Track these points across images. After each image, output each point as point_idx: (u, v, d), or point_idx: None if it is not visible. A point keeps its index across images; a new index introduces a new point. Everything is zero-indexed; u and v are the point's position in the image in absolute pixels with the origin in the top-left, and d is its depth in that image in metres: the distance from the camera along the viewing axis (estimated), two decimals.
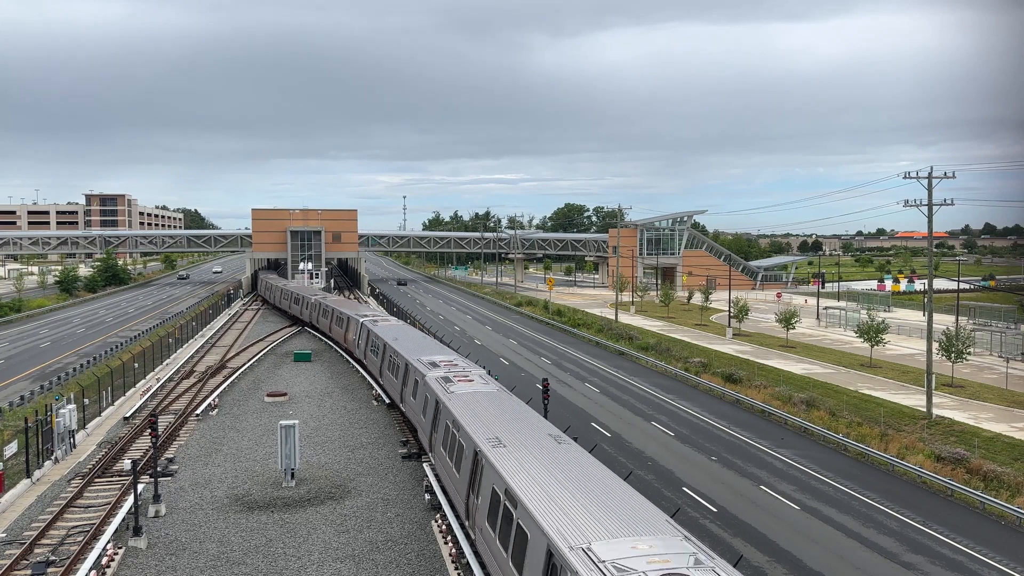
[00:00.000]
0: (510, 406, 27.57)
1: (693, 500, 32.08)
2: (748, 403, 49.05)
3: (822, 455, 39.04)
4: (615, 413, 47.66)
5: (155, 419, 29.33)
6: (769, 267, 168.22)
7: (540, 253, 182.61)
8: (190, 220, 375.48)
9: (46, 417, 35.40)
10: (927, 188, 45.99)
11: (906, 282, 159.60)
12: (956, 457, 36.44)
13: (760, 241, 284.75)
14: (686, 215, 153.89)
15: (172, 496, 30.34)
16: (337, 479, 32.60)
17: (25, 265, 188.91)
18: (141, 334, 77.72)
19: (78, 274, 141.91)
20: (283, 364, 61.02)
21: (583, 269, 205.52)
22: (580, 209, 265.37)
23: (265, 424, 41.71)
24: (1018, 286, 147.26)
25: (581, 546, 14.92)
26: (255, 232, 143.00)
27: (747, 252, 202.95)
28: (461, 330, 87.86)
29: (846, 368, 63.63)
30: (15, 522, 28.11)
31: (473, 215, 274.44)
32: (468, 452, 23.73)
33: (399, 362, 40.16)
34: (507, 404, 27.84)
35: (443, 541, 25.87)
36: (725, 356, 68.35)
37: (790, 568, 25.80)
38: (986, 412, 48.20)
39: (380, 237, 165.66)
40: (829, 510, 31.25)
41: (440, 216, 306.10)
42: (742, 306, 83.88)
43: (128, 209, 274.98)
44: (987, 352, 70.63)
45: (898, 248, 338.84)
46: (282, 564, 24.51)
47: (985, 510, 31.34)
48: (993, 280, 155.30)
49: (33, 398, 48.87)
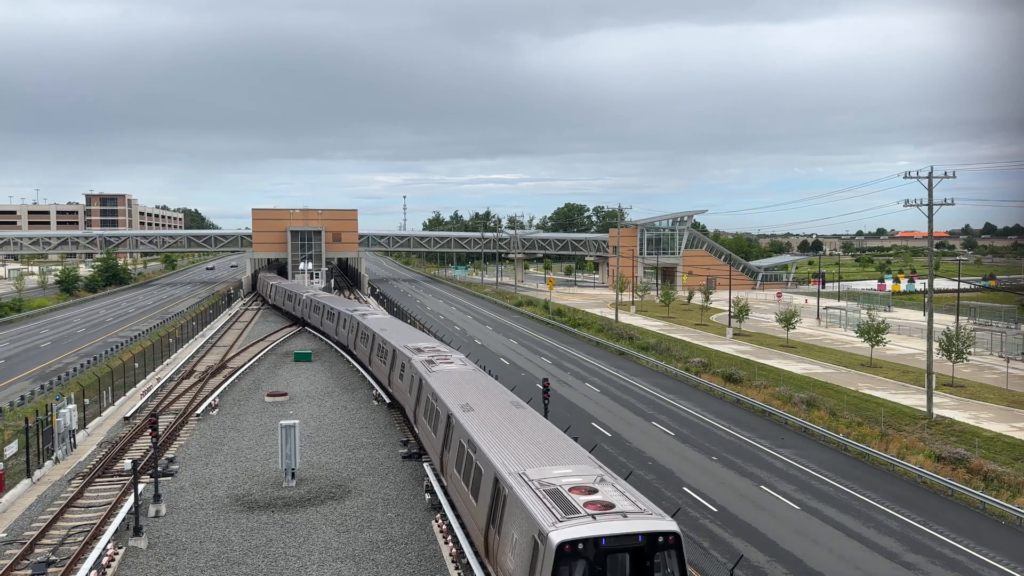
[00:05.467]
0: (482, 381, 32.27)
1: (693, 500, 32.07)
2: (748, 403, 49.04)
3: (822, 455, 39.04)
4: (615, 413, 47.65)
5: (155, 419, 29.31)
6: (769, 267, 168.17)
7: (540, 253, 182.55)
8: (190, 220, 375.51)
9: (46, 417, 35.41)
10: (927, 188, 45.98)
11: (906, 282, 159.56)
12: (956, 457, 36.43)
13: (760, 241, 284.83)
14: (686, 215, 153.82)
15: (172, 496, 30.34)
16: (337, 479, 32.59)
17: (25, 265, 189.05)
18: (141, 334, 77.71)
19: (78, 274, 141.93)
20: (283, 364, 61.00)
21: (583, 269, 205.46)
22: (580, 209, 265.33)
23: (265, 424, 41.70)
24: (1018, 286, 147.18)
25: (518, 472, 19.90)
26: (255, 232, 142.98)
27: (747, 252, 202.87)
28: (462, 330, 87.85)
29: (846, 368, 63.61)
30: (15, 522, 28.11)
31: (473, 215, 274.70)
32: (443, 416, 28.31)
33: (387, 349, 44.35)
34: (479, 380, 32.56)
35: (443, 541, 25.86)
36: (725, 356, 68.34)
37: (790, 568, 25.80)
38: (986, 412, 48.19)
39: (380, 237, 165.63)
40: (829, 510, 31.24)
41: (440, 216, 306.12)
42: (742, 306, 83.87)
43: (128, 209, 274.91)
44: (987, 352, 70.61)
45: (898, 248, 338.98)
46: (282, 564, 24.51)
47: (985, 510, 31.33)
48: (993, 280, 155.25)
49: (33, 398, 48.87)
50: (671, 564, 16.75)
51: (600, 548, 16.30)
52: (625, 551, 16.46)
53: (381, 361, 46.22)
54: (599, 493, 18.35)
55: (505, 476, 19.97)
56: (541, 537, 16.86)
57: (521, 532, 18.13)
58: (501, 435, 23.38)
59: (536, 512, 17.60)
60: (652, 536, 16.63)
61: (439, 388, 30.36)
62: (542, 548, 16.69)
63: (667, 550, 16.70)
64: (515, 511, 18.78)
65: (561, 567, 16.17)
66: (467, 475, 23.68)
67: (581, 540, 16.26)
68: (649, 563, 16.56)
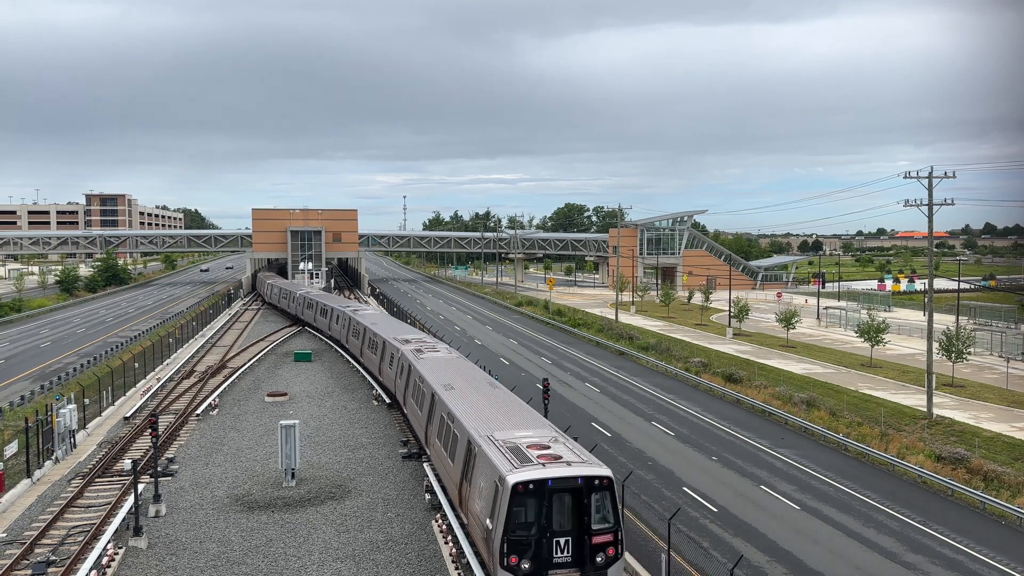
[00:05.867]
0: (464, 366, 36.18)
1: (693, 500, 32.07)
2: (748, 403, 49.04)
3: (822, 455, 39.04)
4: (615, 413, 47.65)
5: (155, 419, 29.30)
6: (769, 267, 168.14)
7: (540, 253, 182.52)
8: (190, 220, 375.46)
9: (46, 417, 35.41)
10: (927, 188, 45.98)
11: (906, 282, 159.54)
12: (956, 457, 36.43)
13: (760, 241, 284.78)
14: (686, 215, 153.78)
15: (172, 496, 30.34)
16: (337, 479, 32.59)
17: (25, 265, 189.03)
18: (141, 334, 77.72)
19: (78, 274, 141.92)
20: (283, 364, 61.00)
21: (583, 269, 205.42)
22: (580, 209, 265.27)
23: (265, 424, 41.70)
24: (1018, 286, 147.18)
25: (487, 434, 23.89)
26: (255, 232, 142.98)
27: (747, 252, 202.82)
28: (462, 330, 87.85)
29: (846, 368, 63.62)
30: (15, 522, 28.11)
31: (473, 215, 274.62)
32: (427, 395, 32.26)
33: (378, 341, 48.44)
34: (462, 365, 36.54)
35: (443, 541, 25.86)
36: (725, 356, 68.34)
37: (790, 568, 25.80)
38: (986, 412, 48.19)
39: (380, 237, 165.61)
40: (829, 510, 31.24)
41: (440, 216, 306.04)
42: (742, 306, 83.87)
43: (128, 209, 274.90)
44: (987, 352, 70.61)
45: (898, 248, 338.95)
46: (282, 564, 24.50)
47: (985, 510, 31.33)
48: (993, 280, 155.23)
49: (33, 398, 48.87)
50: (604, 501, 20.96)
51: (546, 487, 20.65)
52: (566, 490, 20.77)
53: (372, 353, 50.32)
54: (551, 449, 22.49)
55: (476, 438, 23.91)
56: (501, 480, 20.88)
57: (486, 479, 22.05)
58: (476, 408, 27.39)
59: (498, 462, 21.58)
60: (589, 479, 20.90)
61: (425, 372, 34.20)
62: (501, 488, 20.76)
63: (601, 491, 20.98)
64: (483, 464, 22.68)
65: (516, 502, 20.45)
66: (446, 442, 27.68)
67: (532, 481, 20.57)
68: (586, 500, 20.75)
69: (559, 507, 20.78)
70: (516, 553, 20.50)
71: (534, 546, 20.61)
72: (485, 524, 21.65)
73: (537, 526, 20.66)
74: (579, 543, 20.83)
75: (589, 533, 20.80)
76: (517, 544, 20.52)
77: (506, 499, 20.43)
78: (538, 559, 20.59)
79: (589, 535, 20.80)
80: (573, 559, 20.79)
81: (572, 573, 20.80)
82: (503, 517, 20.45)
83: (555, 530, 20.76)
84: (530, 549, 20.59)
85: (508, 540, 20.45)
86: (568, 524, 20.84)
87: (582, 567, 20.78)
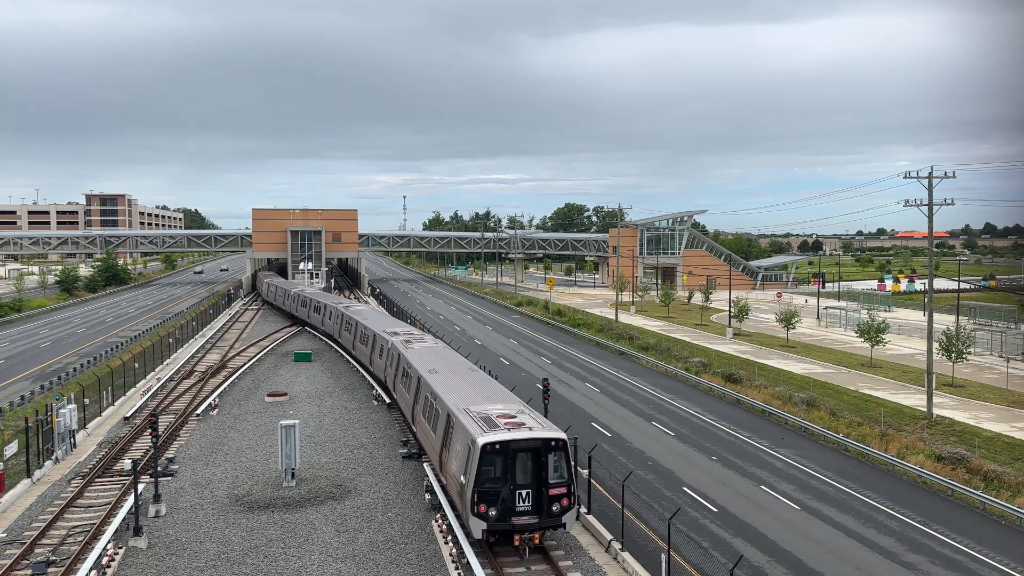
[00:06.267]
0: (447, 354, 40.13)
1: (693, 500, 32.06)
2: (748, 403, 49.04)
3: (822, 455, 39.03)
4: (615, 413, 47.64)
5: (155, 419, 29.28)
6: (769, 267, 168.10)
7: (540, 253, 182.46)
8: (190, 220, 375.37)
9: (46, 417, 35.40)
10: (927, 188, 45.98)
11: (906, 282, 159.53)
12: (956, 457, 36.43)
13: (760, 241, 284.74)
14: (686, 215, 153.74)
15: (172, 496, 30.33)
16: (337, 479, 32.59)
17: (25, 265, 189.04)
18: (141, 334, 77.72)
19: (78, 274, 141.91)
20: (283, 364, 60.99)
21: (583, 269, 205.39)
22: (580, 209, 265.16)
23: (265, 424, 41.70)
24: (1018, 286, 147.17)
25: (463, 407, 27.57)
26: (255, 232, 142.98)
27: (747, 252, 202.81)
28: (461, 330, 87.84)
29: (846, 368, 63.61)
30: (15, 522, 28.10)
31: (473, 215, 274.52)
32: (414, 379, 35.78)
33: (369, 334, 52.23)
34: (446, 353, 40.41)
35: (443, 541, 25.86)
36: (725, 356, 68.33)
37: (790, 568, 25.79)
38: (986, 412, 48.19)
39: (380, 237, 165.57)
40: (829, 510, 31.24)
41: (440, 216, 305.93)
42: (742, 306, 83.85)
43: (128, 209, 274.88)
44: (987, 352, 70.61)
45: (898, 248, 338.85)
46: (282, 564, 24.50)
47: (985, 510, 31.32)
48: (993, 280, 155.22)
49: (33, 398, 48.87)
50: (560, 460, 24.64)
51: (511, 448, 24.29)
52: (527, 450, 24.44)
53: (364, 345, 53.83)
54: (516, 418, 26.24)
55: (454, 411, 27.59)
56: (473, 442, 24.39)
57: (461, 443, 25.67)
58: (456, 387, 31.06)
59: (471, 428, 25.23)
60: (546, 441, 24.60)
61: (412, 359, 37.83)
62: (473, 449, 24.27)
63: (557, 451, 24.64)
64: (459, 431, 26.34)
65: (485, 460, 24.06)
66: (430, 417, 31.31)
67: (498, 442, 24.20)
68: (544, 459, 24.40)
69: (521, 464, 24.46)
70: (485, 502, 24.08)
71: (500, 497, 24.19)
72: (460, 480, 25.25)
73: (502, 480, 24.27)
74: (538, 495, 24.46)
75: (546, 486, 24.43)
76: (486, 495, 24.14)
77: (476, 457, 24.04)
78: (503, 508, 24.17)
79: (546, 488, 24.43)
80: (533, 508, 24.44)
81: (532, 519, 24.36)
82: (474, 473, 24.06)
83: (518, 483, 24.36)
84: (497, 499, 24.18)
85: (478, 491, 24.07)
86: (529, 479, 24.46)
87: (540, 515, 24.38)
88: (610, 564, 24.58)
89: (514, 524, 24.26)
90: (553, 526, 24.70)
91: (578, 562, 24.64)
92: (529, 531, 24.44)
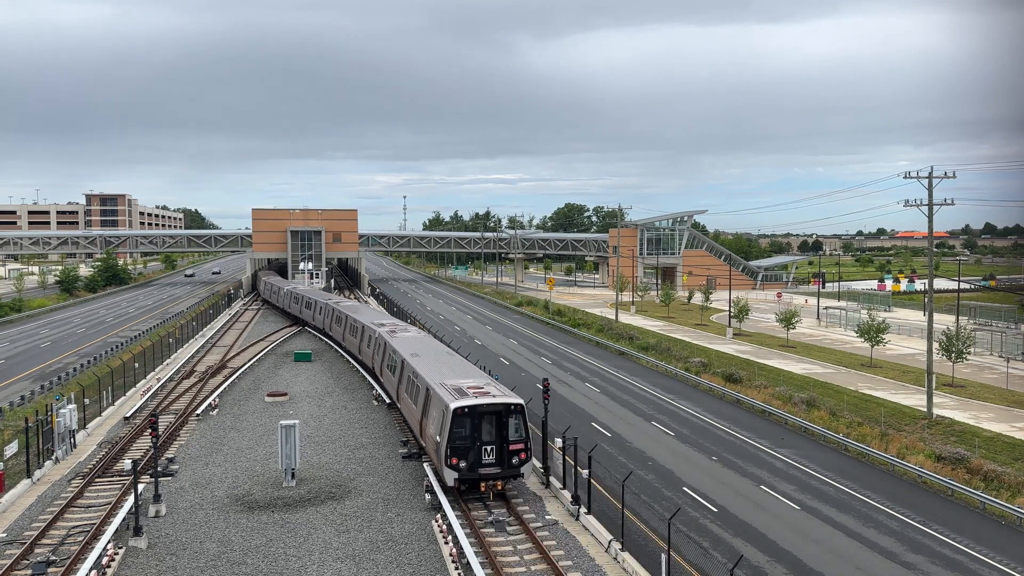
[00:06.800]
0: (428, 341, 46.20)
1: (693, 500, 32.06)
2: (748, 403, 49.03)
3: (822, 455, 39.03)
4: (615, 413, 47.64)
5: (155, 419, 29.25)
6: (769, 267, 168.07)
7: (540, 253, 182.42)
8: (190, 220, 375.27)
9: (46, 417, 35.39)
10: (927, 188, 45.97)
11: (906, 282, 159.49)
12: (956, 457, 36.42)
13: (760, 241, 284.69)
14: (686, 215, 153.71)
15: (172, 496, 30.34)
16: (337, 479, 32.59)
17: (25, 265, 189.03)
18: (141, 334, 77.72)
19: (78, 274, 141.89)
20: (283, 364, 61.00)
21: (583, 269, 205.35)
22: (580, 209, 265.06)
23: (265, 424, 41.70)
24: (1018, 286, 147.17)
25: (439, 382, 32.38)
26: (255, 232, 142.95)
27: (747, 252, 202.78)
28: (462, 330, 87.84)
29: (846, 368, 63.60)
30: (15, 522, 28.10)
31: (473, 215, 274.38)
32: (399, 362, 40.76)
33: (357, 327, 57.74)
34: (427, 341, 46.37)
35: (443, 541, 25.86)
36: (725, 356, 68.33)
37: (790, 568, 25.79)
38: (986, 412, 48.18)
39: (380, 237, 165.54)
40: (829, 510, 31.24)
41: (440, 216, 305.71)
42: (742, 306, 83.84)
43: (128, 209, 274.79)
44: (987, 352, 70.60)
45: (898, 248, 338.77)
46: (282, 564, 24.50)
47: (985, 510, 31.32)
48: (993, 280, 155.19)
49: (33, 398, 48.88)
50: (518, 421, 29.55)
51: (477, 411, 29.24)
52: (491, 413, 29.46)
53: (353, 337, 58.99)
54: (484, 388, 31.24)
55: (432, 384, 32.35)
56: (446, 407, 29.22)
57: (437, 409, 30.58)
58: (434, 367, 36.06)
59: (445, 396, 30.11)
60: (507, 405, 29.61)
61: (397, 346, 42.71)
62: (447, 413, 29.12)
63: (516, 414, 29.64)
64: (435, 400, 31.15)
65: (456, 422, 28.95)
66: (412, 393, 36.10)
67: (467, 406, 29.19)
68: (505, 420, 29.38)
69: (486, 425, 29.34)
70: (456, 456, 28.94)
71: (469, 452, 29.06)
72: (436, 439, 30.14)
73: (471, 438, 29.12)
74: (500, 450, 29.38)
75: (507, 443, 29.38)
76: (457, 450, 28.98)
77: (449, 419, 28.84)
78: (472, 461, 29.07)
79: (507, 444, 29.38)
80: (496, 461, 29.37)
81: (495, 470, 29.23)
82: (447, 432, 28.79)
83: (484, 440, 29.26)
84: (466, 454, 29.05)
85: (451, 447, 28.86)
86: (492, 437, 29.37)
87: (502, 466, 29.31)
88: (610, 564, 24.57)
89: (481, 474, 29.07)
90: (513, 476, 29.55)
91: (578, 562, 24.65)
92: (493, 479, 29.30)
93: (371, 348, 51.39)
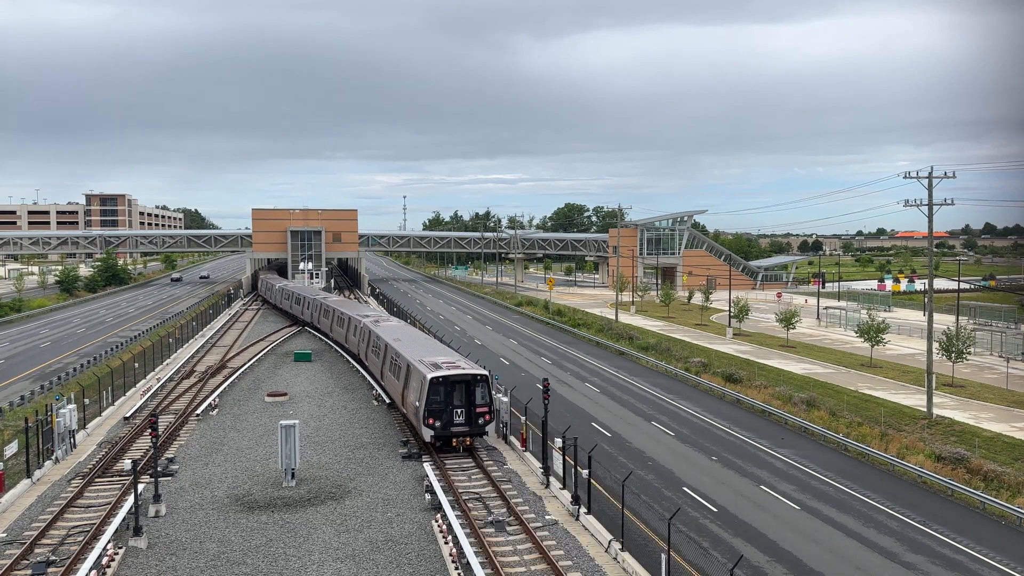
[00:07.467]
0: (408, 329, 53.11)
1: (693, 500, 32.06)
2: (748, 403, 49.04)
3: (822, 455, 39.03)
4: (615, 413, 47.64)
5: (155, 419, 29.23)
6: (769, 267, 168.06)
7: (540, 253, 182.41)
8: (190, 220, 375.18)
9: (46, 417, 35.37)
10: (927, 188, 45.98)
11: (906, 282, 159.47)
12: (956, 457, 36.43)
13: (760, 241, 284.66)
14: (686, 215, 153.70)
15: (172, 496, 30.33)
16: (337, 479, 32.58)
17: (25, 265, 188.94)
18: (141, 334, 77.71)
19: (78, 274, 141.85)
20: (283, 364, 60.98)
21: (583, 269, 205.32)
22: (580, 209, 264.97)
23: (265, 424, 41.69)
24: (1018, 286, 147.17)
25: (418, 359, 37.99)
26: (255, 232, 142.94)
27: (747, 252, 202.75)
28: (461, 330, 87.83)
29: (846, 368, 63.61)
30: (15, 522, 28.08)
31: (473, 215, 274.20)
32: (382, 347, 46.56)
33: (344, 318, 63.79)
34: (407, 328, 53.53)
35: (443, 541, 25.85)
36: (725, 356, 68.33)
37: (790, 568, 25.80)
38: (986, 412, 48.18)
39: (380, 237, 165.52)
40: (829, 510, 31.25)
41: (440, 216, 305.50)
42: (742, 306, 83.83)
43: (128, 209, 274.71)
44: (987, 352, 70.60)
45: (898, 248, 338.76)
46: (282, 564, 24.49)
47: (985, 510, 31.33)
48: (993, 280, 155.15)
49: (33, 398, 48.87)
50: (484, 389, 35.32)
51: (449, 380, 34.97)
52: (461, 382, 35.16)
53: (340, 328, 64.74)
54: (455, 363, 37.04)
55: (412, 361, 38.09)
56: (424, 378, 34.92)
57: (416, 380, 36.31)
58: (414, 348, 42.20)
59: (423, 369, 35.86)
60: (474, 375, 35.44)
61: (381, 333, 48.66)
62: (424, 382, 34.73)
63: (482, 383, 35.38)
64: (415, 373, 36.82)
65: (432, 390, 34.60)
66: (394, 370, 42.08)
67: (441, 377, 34.87)
68: (472, 388, 35.10)
69: (457, 392, 35.05)
70: (432, 417, 34.65)
71: (443, 414, 34.73)
72: (415, 405, 35.68)
73: (444, 403, 34.78)
74: (468, 412, 35.09)
75: (474, 407, 35.12)
76: (433, 412, 34.65)
77: (426, 387, 34.54)
78: (445, 421, 34.82)
79: (474, 408, 35.12)
80: (465, 421, 35.11)
81: (464, 428, 35.01)
82: (424, 398, 34.54)
83: (455, 405, 34.91)
84: (441, 415, 34.71)
85: (427, 410, 34.59)
86: (462, 402, 35.03)
87: (470, 426, 35.07)
88: (610, 564, 24.57)
89: (452, 432, 34.90)
90: (479, 433, 35.40)
91: (578, 562, 24.65)
92: (462, 436, 35.06)
93: (356, 337, 57.48)
